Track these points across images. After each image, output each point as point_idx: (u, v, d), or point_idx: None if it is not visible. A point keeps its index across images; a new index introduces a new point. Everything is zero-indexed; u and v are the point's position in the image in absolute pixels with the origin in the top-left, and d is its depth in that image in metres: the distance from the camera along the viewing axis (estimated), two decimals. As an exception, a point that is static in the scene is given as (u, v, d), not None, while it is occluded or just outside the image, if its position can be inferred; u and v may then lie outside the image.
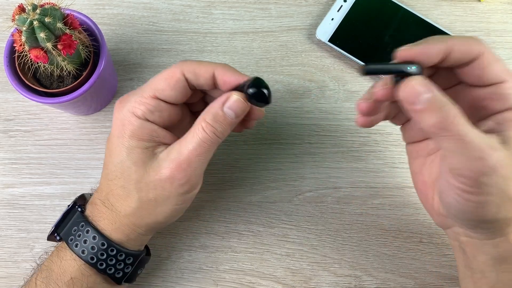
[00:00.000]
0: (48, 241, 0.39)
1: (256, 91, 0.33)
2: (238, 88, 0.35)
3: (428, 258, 0.45)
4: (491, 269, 0.33)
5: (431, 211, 0.35)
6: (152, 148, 0.35)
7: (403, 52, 0.30)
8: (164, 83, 0.35)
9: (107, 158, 0.37)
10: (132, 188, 0.35)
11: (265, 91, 0.33)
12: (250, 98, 0.34)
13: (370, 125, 0.35)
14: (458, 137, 0.27)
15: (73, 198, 0.40)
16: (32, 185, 0.46)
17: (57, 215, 0.45)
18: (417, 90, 0.28)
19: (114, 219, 0.36)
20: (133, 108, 0.35)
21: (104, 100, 0.48)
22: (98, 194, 0.37)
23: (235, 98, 0.34)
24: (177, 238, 0.45)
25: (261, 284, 0.44)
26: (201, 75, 0.35)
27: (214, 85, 0.36)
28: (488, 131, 0.29)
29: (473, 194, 0.29)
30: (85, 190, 0.45)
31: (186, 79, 0.35)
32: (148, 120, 0.35)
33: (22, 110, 0.48)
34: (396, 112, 0.36)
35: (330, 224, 0.46)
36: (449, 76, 0.33)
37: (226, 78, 0.35)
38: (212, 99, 0.36)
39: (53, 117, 0.48)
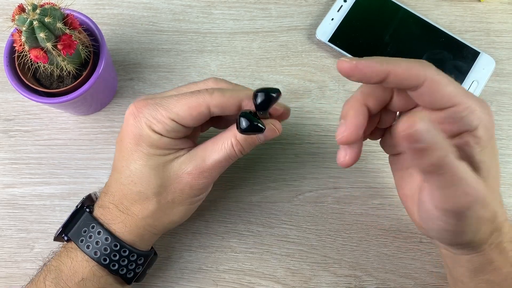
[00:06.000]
0: (48, 241, 0.38)
1: (248, 127, 0.33)
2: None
3: (428, 258, 0.45)
4: (469, 280, 0.34)
5: (414, 221, 0.35)
6: (172, 153, 0.36)
7: (343, 63, 0.29)
8: (186, 112, 0.35)
9: (120, 162, 0.37)
10: (151, 193, 0.36)
11: (255, 125, 0.33)
12: (243, 132, 0.33)
13: (356, 158, 0.32)
14: (452, 174, 0.27)
15: (73, 198, 0.40)
16: (32, 185, 0.46)
17: (57, 215, 0.45)
18: (420, 128, 0.25)
19: (129, 222, 0.36)
20: (151, 124, 0.35)
21: (104, 100, 0.48)
22: (109, 197, 0.37)
23: (271, 127, 0.36)
24: (177, 238, 0.45)
25: (261, 284, 0.44)
26: (227, 108, 0.35)
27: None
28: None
29: (455, 225, 0.29)
30: (85, 190, 0.45)
31: (210, 112, 0.35)
32: (164, 136, 0.36)
33: (22, 110, 0.48)
34: (372, 129, 0.36)
35: (330, 224, 0.45)
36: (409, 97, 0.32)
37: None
38: None
39: (53, 117, 0.48)
